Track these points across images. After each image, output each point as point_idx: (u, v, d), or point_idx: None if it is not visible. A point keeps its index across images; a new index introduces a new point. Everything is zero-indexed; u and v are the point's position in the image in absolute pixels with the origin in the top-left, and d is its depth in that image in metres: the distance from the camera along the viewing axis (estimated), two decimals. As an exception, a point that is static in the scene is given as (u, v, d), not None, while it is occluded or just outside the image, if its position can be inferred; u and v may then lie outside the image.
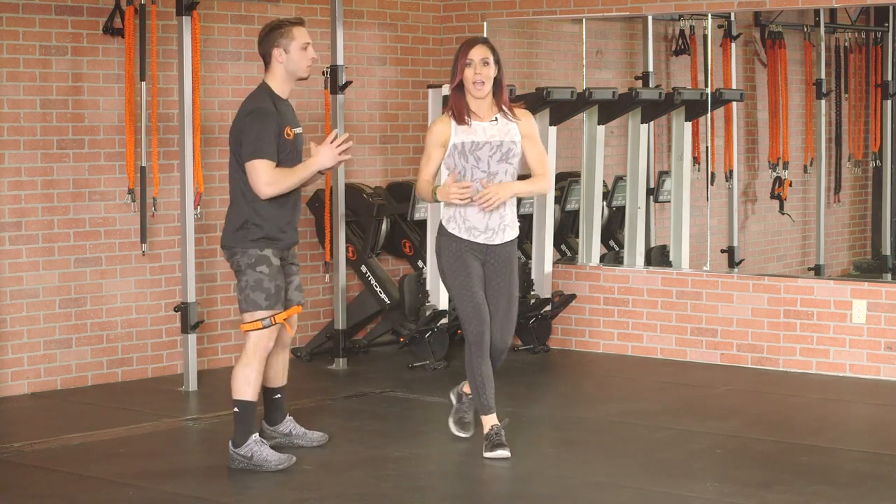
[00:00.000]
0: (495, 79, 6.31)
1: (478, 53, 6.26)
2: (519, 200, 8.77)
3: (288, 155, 6.27)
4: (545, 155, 6.46)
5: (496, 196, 6.24)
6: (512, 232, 6.43)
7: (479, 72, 6.25)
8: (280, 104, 6.27)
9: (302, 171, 6.24)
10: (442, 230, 6.42)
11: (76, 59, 8.11)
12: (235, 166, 6.28)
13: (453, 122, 6.32)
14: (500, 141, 6.30)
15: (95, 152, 8.21)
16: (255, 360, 6.26)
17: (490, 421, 6.44)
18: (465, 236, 6.35)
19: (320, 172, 6.32)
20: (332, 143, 6.26)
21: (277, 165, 6.19)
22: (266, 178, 6.14)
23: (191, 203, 8.02)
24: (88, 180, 8.17)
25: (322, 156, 6.25)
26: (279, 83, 6.31)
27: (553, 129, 9.07)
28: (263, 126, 6.15)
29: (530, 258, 9.31)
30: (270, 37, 6.29)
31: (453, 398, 6.83)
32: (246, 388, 6.24)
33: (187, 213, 8.02)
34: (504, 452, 6.36)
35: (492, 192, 6.24)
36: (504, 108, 6.36)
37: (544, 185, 6.44)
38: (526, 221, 9.05)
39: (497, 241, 6.37)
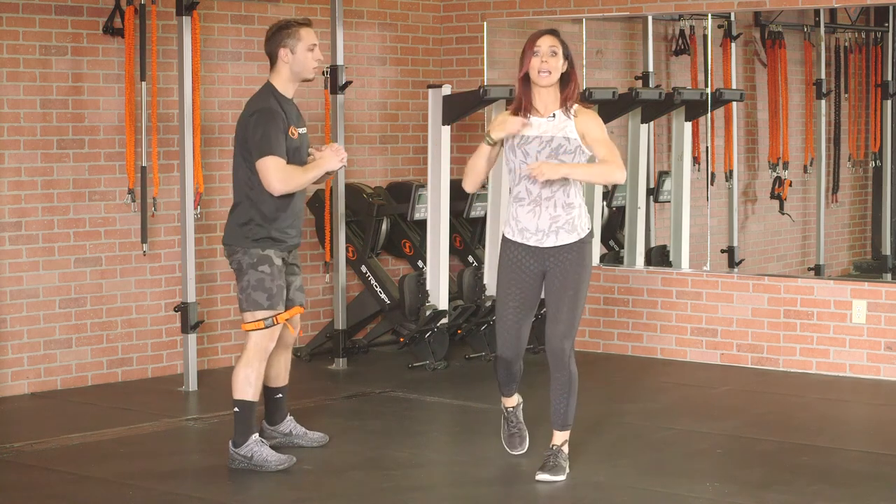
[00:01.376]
0: (564, 73, 5.99)
1: (546, 42, 5.93)
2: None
3: (293, 155, 6.27)
4: (614, 147, 5.98)
5: (539, 171, 5.83)
6: (568, 235, 5.99)
7: (546, 61, 5.91)
8: (284, 104, 6.27)
9: (312, 169, 6.28)
10: (502, 235, 6.18)
11: (76, 59, 8.10)
12: (241, 165, 6.28)
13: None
14: (550, 136, 5.96)
15: (95, 152, 8.21)
16: (256, 361, 6.26)
17: (508, 402, 6.44)
18: (518, 239, 6.05)
19: (327, 174, 6.37)
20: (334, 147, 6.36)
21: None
22: (278, 174, 6.14)
23: (191, 203, 8.02)
24: (88, 180, 8.17)
25: (326, 158, 6.31)
26: (284, 83, 6.30)
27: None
28: (270, 125, 6.15)
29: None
30: (277, 37, 6.28)
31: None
32: (246, 388, 6.24)
33: (187, 213, 8.02)
34: (520, 450, 6.42)
35: (537, 166, 5.83)
36: (567, 104, 6.00)
37: (609, 170, 5.90)
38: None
39: (549, 244, 6.00)
